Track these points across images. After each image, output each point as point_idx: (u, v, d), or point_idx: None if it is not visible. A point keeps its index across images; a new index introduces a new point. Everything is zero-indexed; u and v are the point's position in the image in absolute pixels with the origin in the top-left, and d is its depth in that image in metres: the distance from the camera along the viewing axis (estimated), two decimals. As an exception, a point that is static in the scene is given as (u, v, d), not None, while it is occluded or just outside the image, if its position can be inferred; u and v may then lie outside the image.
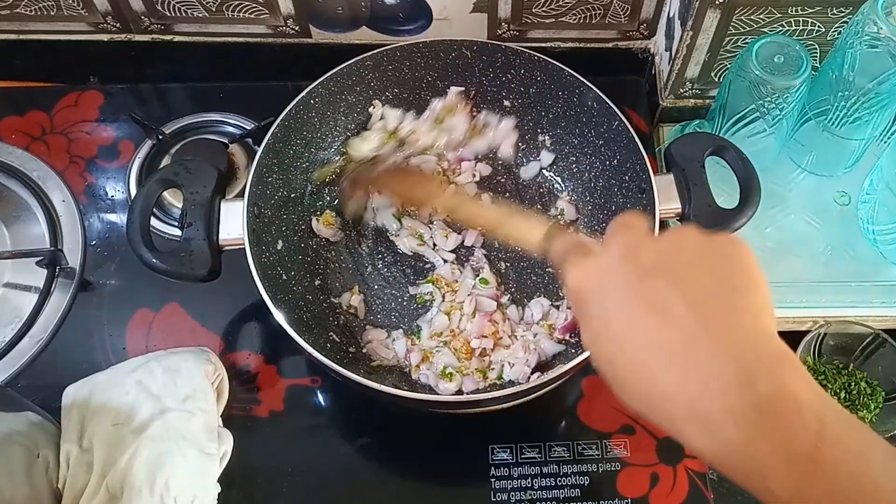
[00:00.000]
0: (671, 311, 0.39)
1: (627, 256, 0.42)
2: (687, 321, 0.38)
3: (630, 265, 0.42)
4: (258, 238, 0.71)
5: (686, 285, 0.40)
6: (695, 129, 0.89)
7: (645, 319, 0.39)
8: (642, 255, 0.42)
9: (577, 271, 0.45)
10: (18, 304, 0.83)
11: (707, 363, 0.37)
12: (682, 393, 0.37)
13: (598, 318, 0.42)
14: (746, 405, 0.36)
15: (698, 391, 0.37)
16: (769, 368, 0.37)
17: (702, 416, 0.37)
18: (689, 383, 0.37)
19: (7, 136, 0.92)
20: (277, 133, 0.76)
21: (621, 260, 0.43)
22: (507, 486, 0.73)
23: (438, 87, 0.86)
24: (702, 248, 0.42)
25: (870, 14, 0.70)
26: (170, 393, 0.68)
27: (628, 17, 0.91)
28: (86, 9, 0.92)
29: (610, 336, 0.41)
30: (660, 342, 0.39)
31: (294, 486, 0.73)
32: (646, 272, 0.41)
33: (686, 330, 0.38)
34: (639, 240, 0.44)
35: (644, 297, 0.40)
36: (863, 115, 0.78)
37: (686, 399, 0.37)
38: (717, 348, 0.37)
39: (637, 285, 0.41)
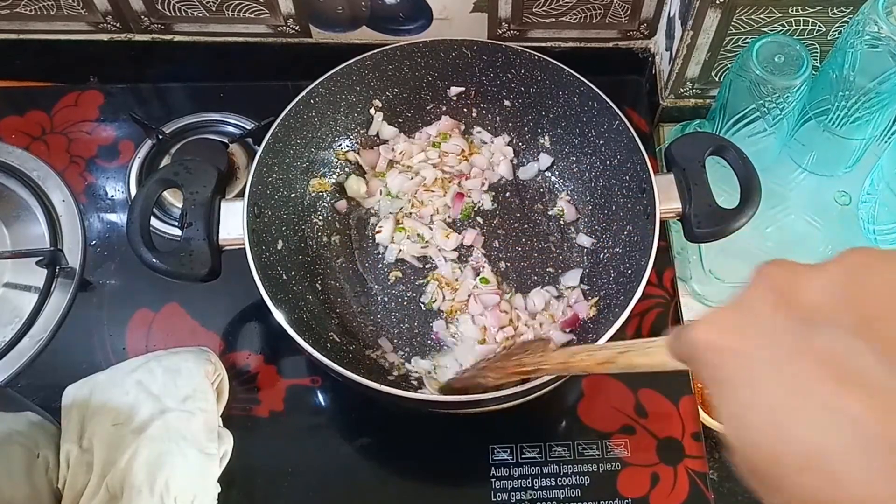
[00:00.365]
0: (862, 374, 0.27)
1: (783, 299, 0.30)
2: (890, 392, 0.26)
3: (787, 311, 0.30)
4: (258, 238, 0.71)
5: (881, 332, 0.27)
6: (695, 128, 0.89)
7: (820, 390, 0.27)
8: (806, 293, 0.30)
9: (708, 326, 0.32)
10: (18, 303, 0.83)
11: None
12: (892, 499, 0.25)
13: (743, 392, 0.30)
14: None
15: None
16: None
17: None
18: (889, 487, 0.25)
19: (7, 136, 0.92)
20: (278, 133, 0.76)
21: (773, 306, 0.30)
22: (507, 486, 0.73)
23: (439, 86, 0.86)
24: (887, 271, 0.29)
25: (870, 14, 0.70)
26: (170, 393, 0.68)
27: (629, 16, 0.91)
28: (86, 8, 0.92)
29: (768, 418, 0.28)
30: (849, 423, 0.26)
31: (294, 486, 0.73)
32: (813, 319, 0.29)
33: (888, 404, 0.26)
34: (796, 272, 0.31)
35: (815, 357, 0.28)
36: (863, 114, 0.78)
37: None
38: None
39: (802, 340, 0.28)
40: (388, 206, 0.85)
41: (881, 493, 0.25)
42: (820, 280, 0.30)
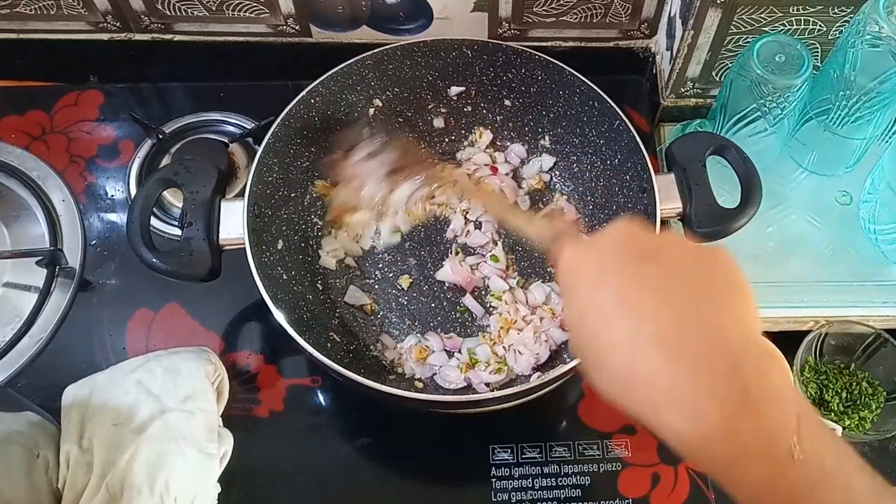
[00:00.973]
0: (667, 292, 0.40)
1: (627, 241, 0.43)
2: (682, 306, 0.39)
3: (629, 248, 0.43)
4: (258, 238, 0.71)
5: (683, 275, 0.41)
6: (696, 128, 0.89)
7: (640, 300, 0.40)
8: (642, 241, 0.43)
9: (574, 250, 0.46)
10: (18, 303, 0.83)
11: (697, 348, 0.38)
12: (667, 376, 0.37)
13: (587, 295, 0.42)
14: (731, 390, 0.37)
15: (685, 373, 0.37)
16: (756, 359, 0.38)
17: (684, 399, 0.37)
18: (677, 365, 0.37)
19: (7, 136, 0.92)
20: (278, 132, 0.75)
21: (621, 242, 0.43)
22: (507, 487, 0.73)
23: (439, 86, 0.86)
24: (694, 249, 0.43)
25: (871, 13, 0.70)
26: (170, 393, 0.68)
27: (629, 16, 0.91)
28: (86, 8, 0.92)
29: (598, 314, 0.41)
30: (652, 324, 0.39)
31: (294, 486, 0.73)
32: (646, 257, 0.42)
33: (680, 312, 0.39)
34: (638, 229, 0.45)
35: (642, 279, 0.41)
36: (864, 114, 0.77)
37: (670, 382, 0.37)
38: (708, 334, 0.38)
39: (634, 266, 0.41)
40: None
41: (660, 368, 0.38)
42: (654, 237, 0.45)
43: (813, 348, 0.77)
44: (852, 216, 0.85)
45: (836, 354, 0.78)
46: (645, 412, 0.39)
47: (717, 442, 0.37)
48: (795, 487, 0.36)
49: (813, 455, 0.36)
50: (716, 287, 0.41)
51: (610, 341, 0.40)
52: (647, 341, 0.39)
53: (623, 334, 0.40)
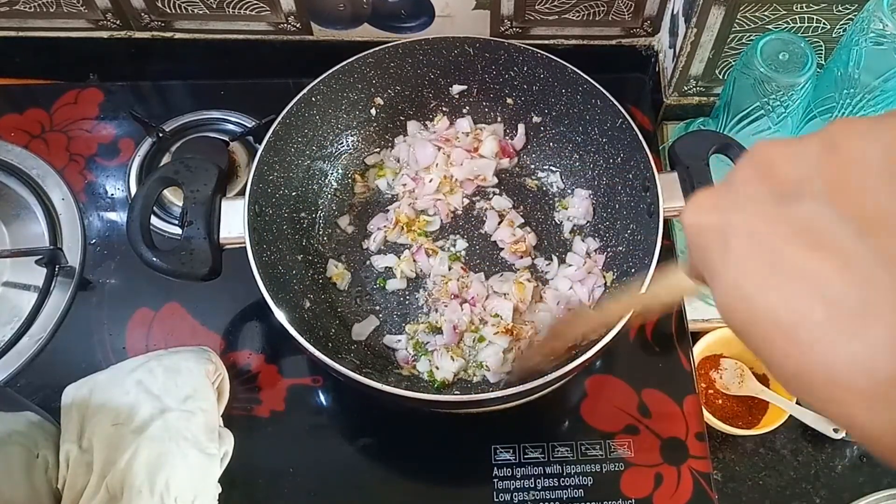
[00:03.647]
0: (834, 244, 0.27)
1: (765, 173, 0.30)
2: (859, 256, 0.26)
3: (770, 184, 0.29)
4: (259, 237, 0.71)
5: (854, 202, 0.27)
6: (699, 126, 0.89)
7: (796, 258, 0.27)
8: (786, 167, 0.29)
9: (695, 204, 0.32)
10: (18, 303, 0.83)
11: (889, 315, 0.25)
12: (854, 361, 0.26)
13: (728, 264, 0.30)
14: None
15: (876, 352, 0.26)
16: None
17: (882, 391, 0.26)
18: (863, 343, 0.26)
19: (6, 134, 0.92)
20: (279, 131, 0.75)
21: (757, 178, 0.30)
22: (509, 487, 0.73)
23: (441, 84, 0.85)
24: (874, 140, 0.27)
25: (875, 11, 0.69)
26: (170, 392, 0.68)
27: (632, 14, 0.91)
28: (86, 6, 0.91)
29: (748, 284, 0.29)
30: (820, 289, 0.26)
31: (295, 486, 0.73)
32: (789, 192, 0.29)
33: (858, 269, 0.26)
34: (777, 148, 0.30)
35: (790, 228, 0.28)
36: (868, 112, 0.77)
37: (859, 369, 0.26)
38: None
39: (783, 212, 0.28)
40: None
41: (842, 350, 0.26)
42: (798, 151, 0.29)
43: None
44: (856, 215, 0.84)
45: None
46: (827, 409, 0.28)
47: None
48: None
49: None
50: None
51: (768, 318, 0.28)
52: (819, 315, 0.26)
53: (784, 309, 0.27)
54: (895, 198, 0.26)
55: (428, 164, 0.85)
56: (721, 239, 0.30)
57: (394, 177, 0.86)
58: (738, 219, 0.29)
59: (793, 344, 0.27)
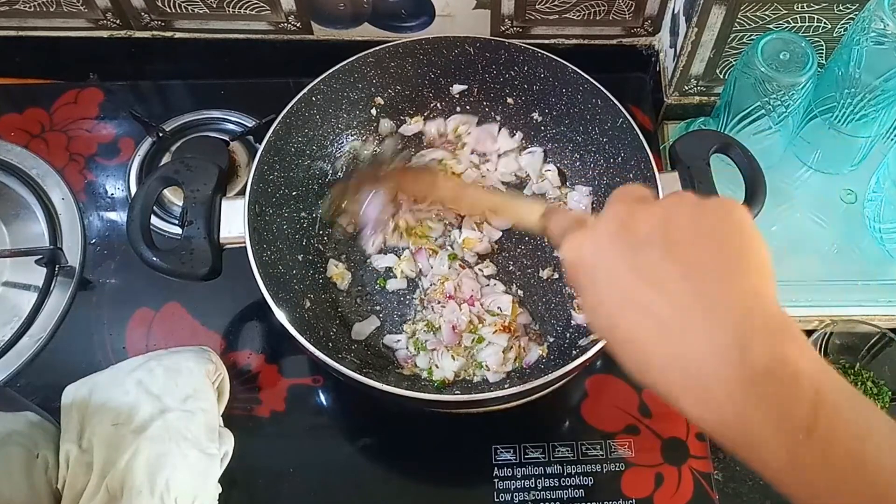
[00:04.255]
0: (665, 283, 0.39)
1: (622, 228, 0.42)
2: (680, 292, 0.38)
3: (624, 236, 0.41)
4: (259, 236, 0.71)
5: (679, 253, 0.39)
6: (700, 126, 0.88)
7: (638, 293, 0.39)
8: (637, 224, 0.42)
9: (572, 244, 0.45)
10: (17, 302, 0.83)
11: (701, 334, 0.37)
12: (677, 364, 0.37)
13: (592, 293, 0.42)
14: (739, 376, 0.35)
15: (693, 362, 0.37)
16: (765, 336, 0.36)
17: (697, 387, 0.37)
18: (684, 355, 0.37)
19: (6, 134, 0.92)
20: (279, 130, 0.75)
21: (616, 232, 0.42)
22: (510, 487, 0.73)
23: (441, 84, 0.85)
24: (696, 212, 0.41)
25: (876, 10, 0.69)
26: (170, 392, 0.67)
27: (633, 13, 0.90)
28: (85, 5, 0.91)
29: (605, 311, 0.41)
30: (653, 316, 0.38)
31: (295, 486, 0.73)
32: (639, 243, 0.41)
33: (680, 301, 0.38)
34: (634, 209, 0.43)
35: (637, 271, 0.40)
36: (869, 112, 0.77)
37: (681, 370, 0.37)
38: (711, 318, 0.37)
39: (630, 258, 0.40)
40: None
41: (669, 357, 0.38)
42: (649, 214, 0.42)
43: (817, 348, 0.76)
44: (857, 215, 0.84)
45: (840, 354, 0.78)
46: (669, 400, 0.39)
47: (731, 428, 0.36)
48: (812, 467, 0.35)
49: (833, 431, 0.34)
50: (721, 257, 0.39)
51: (621, 338, 0.40)
52: (652, 335, 0.38)
53: (630, 330, 0.40)
54: (704, 252, 0.39)
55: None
56: (591, 272, 0.43)
57: None
58: (603, 261, 0.42)
59: (638, 351, 0.40)
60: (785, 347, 0.36)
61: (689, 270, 0.39)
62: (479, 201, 0.74)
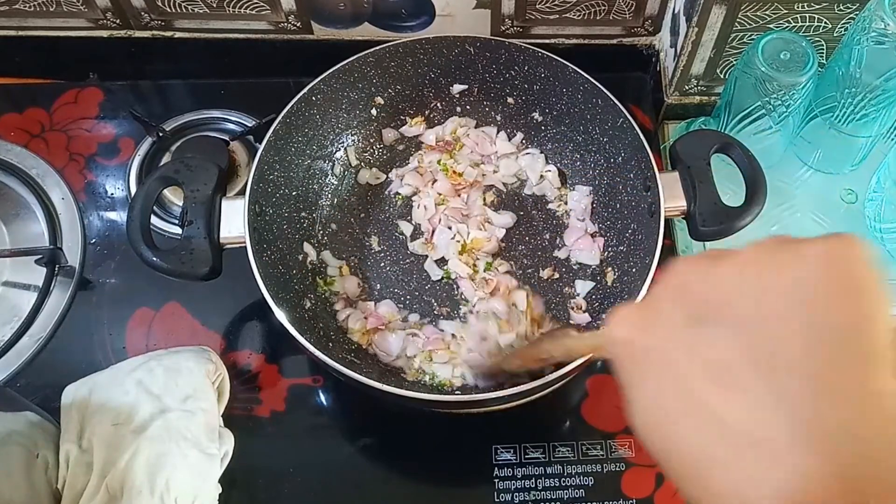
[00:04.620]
0: (735, 377, 0.28)
1: (677, 293, 0.31)
2: (757, 394, 0.27)
3: (679, 306, 0.31)
4: (259, 236, 0.71)
5: (758, 335, 0.28)
6: (700, 126, 0.88)
7: (698, 390, 0.29)
8: (695, 288, 0.31)
9: (618, 319, 0.35)
10: (17, 302, 0.83)
11: (786, 460, 0.26)
12: (750, 497, 0.27)
13: (638, 388, 0.32)
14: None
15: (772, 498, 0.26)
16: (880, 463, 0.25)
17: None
18: (760, 486, 0.26)
19: (6, 134, 0.92)
20: (279, 130, 0.75)
21: (669, 300, 0.32)
22: (510, 487, 0.73)
23: (441, 83, 0.85)
24: (786, 268, 0.28)
25: (877, 10, 0.69)
26: (170, 392, 0.67)
27: (633, 13, 0.90)
28: (85, 5, 0.91)
29: (655, 416, 0.31)
30: (719, 425, 0.28)
31: (296, 486, 0.72)
32: (699, 316, 0.30)
33: (756, 408, 0.27)
34: (693, 266, 0.31)
35: (697, 356, 0.29)
36: (870, 112, 0.77)
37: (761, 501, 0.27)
38: (801, 438, 0.26)
39: (687, 337, 0.30)
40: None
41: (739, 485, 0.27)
42: (714, 273, 0.30)
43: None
44: (858, 214, 0.84)
45: (841, 354, 0.77)
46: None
47: None
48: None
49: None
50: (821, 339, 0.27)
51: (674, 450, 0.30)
52: (716, 451, 0.28)
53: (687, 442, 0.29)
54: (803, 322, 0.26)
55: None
56: (639, 358, 0.32)
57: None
58: (655, 341, 0.31)
59: (695, 472, 0.29)
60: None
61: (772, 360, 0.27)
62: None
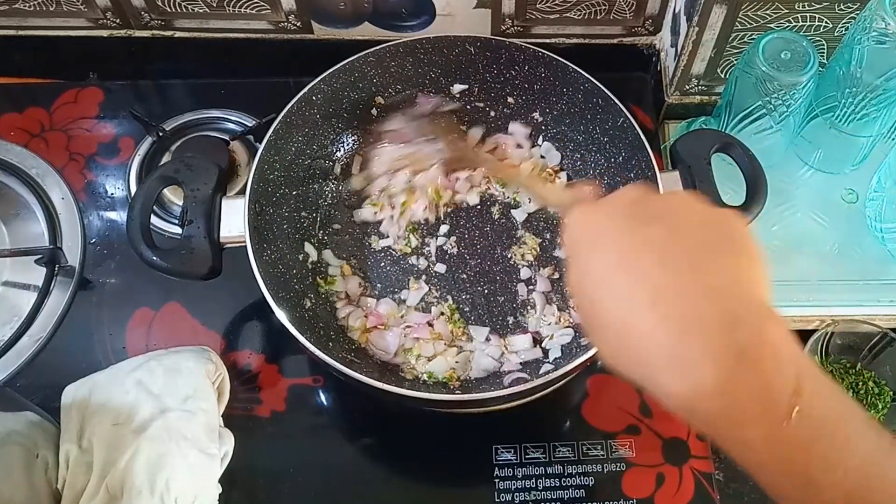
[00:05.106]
0: (665, 253, 0.39)
1: (634, 204, 0.43)
2: (679, 263, 0.39)
3: (635, 210, 0.43)
4: (259, 236, 0.71)
5: (685, 236, 0.40)
6: (701, 125, 0.88)
7: (637, 257, 0.40)
8: (648, 205, 0.43)
9: (579, 213, 0.46)
10: (17, 302, 0.82)
11: (691, 305, 0.37)
12: (661, 334, 0.37)
13: (586, 259, 0.43)
14: (726, 348, 0.36)
15: (679, 332, 0.37)
16: (753, 317, 0.37)
17: (679, 358, 0.37)
18: (671, 324, 0.37)
19: (6, 133, 0.92)
20: (279, 130, 0.75)
21: (628, 205, 0.43)
22: (511, 487, 0.72)
23: (442, 83, 0.85)
24: (705, 211, 0.43)
25: (877, 10, 0.69)
26: (170, 392, 0.67)
27: (633, 12, 0.90)
28: (85, 4, 0.91)
29: (595, 278, 0.41)
30: (648, 280, 0.39)
31: (296, 486, 0.72)
32: (649, 219, 0.42)
33: (676, 271, 0.39)
34: (647, 194, 0.44)
35: (641, 238, 0.41)
36: (870, 111, 0.77)
37: (664, 340, 0.37)
38: (703, 292, 0.38)
39: (638, 228, 0.41)
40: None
41: (654, 325, 0.38)
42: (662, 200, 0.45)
43: (819, 348, 0.76)
44: (858, 214, 0.84)
45: (842, 354, 0.78)
46: (642, 375, 0.39)
47: (711, 401, 0.36)
48: (792, 445, 0.36)
49: (813, 412, 0.36)
50: (718, 246, 0.40)
51: (606, 305, 0.40)
52: (641, 302, 0.38)
53: (618, 297, 0.40)
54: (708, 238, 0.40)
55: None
56: (591, 238, 0.43)
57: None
58: (609, 228, 0.42)
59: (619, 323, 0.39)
60: (770, 330, 0.37)
61: (691, 250, 0.40)
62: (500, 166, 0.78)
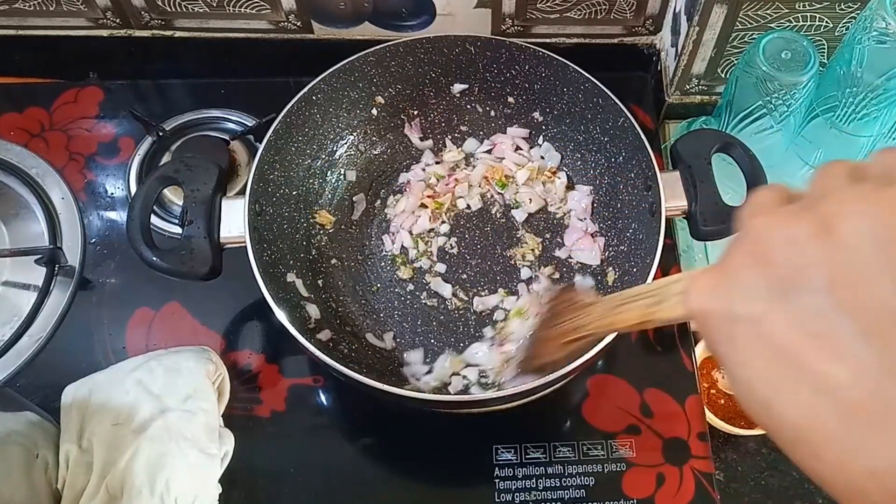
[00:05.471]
0: (841, 347, 0.25)
1: (754, 261, 0.28)
2: (868, 362, 0.25)
3: (761, 273, 0.28)
4: (259, 236, 0.71)
5: (857, 293, 0.25)
6: (701, 125, 0.88)
7: (805, 363, 0.26)
8: (775, 254, 0.27)
9: (695, 290, 0.31)
10: (17, 302, 0.82)
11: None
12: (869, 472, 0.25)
13: (734, 363, 0.29)
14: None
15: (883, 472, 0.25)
16: None
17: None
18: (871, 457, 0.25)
19: (6, 133, 0.92)
20: (279, 130, 0.75)
21: (747, 267, 0.28)
22: (511, 487, 0.72)
23: (442, 83, 0.85)
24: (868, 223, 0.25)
25: (878, 9, 0.69)
26: (170, 392, 0.67)
27: (634, 12, 0.90)
28: (85, 4, 0.91)
29: (757, 392, 0.28)
30: (833, 399, 0.26)
31: (296, 486, 0.72)
32: (787, 284, 0.27)
33: (870, 377, 0.25)
34: (766, 231, 0.28)
35: (796, 327, 0.26)
36: (871, 111, 0.77)
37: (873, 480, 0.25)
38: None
39: (780, 307, 0.27)
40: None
41: (854, 454, 0.25)
42: (792, 235, 0.27)
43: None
44: (859, 214, 0.84)
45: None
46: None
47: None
48: None
49: None
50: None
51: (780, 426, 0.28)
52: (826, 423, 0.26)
53: (791, 416, 0.27)
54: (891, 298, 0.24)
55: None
56: (727, 329, 0.29)
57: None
58: (741, 311, 0.28)
59: (808, 447, 0.27)
60: None
61: (876, 325, 0.25)
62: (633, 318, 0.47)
